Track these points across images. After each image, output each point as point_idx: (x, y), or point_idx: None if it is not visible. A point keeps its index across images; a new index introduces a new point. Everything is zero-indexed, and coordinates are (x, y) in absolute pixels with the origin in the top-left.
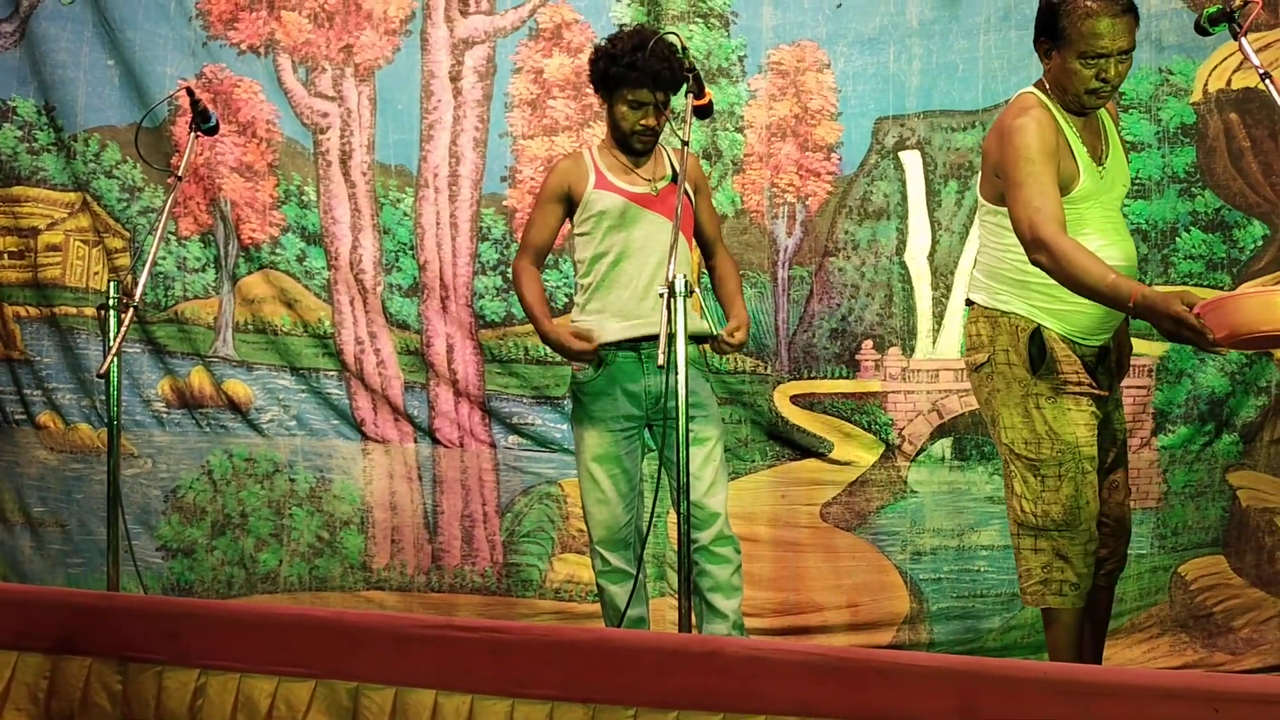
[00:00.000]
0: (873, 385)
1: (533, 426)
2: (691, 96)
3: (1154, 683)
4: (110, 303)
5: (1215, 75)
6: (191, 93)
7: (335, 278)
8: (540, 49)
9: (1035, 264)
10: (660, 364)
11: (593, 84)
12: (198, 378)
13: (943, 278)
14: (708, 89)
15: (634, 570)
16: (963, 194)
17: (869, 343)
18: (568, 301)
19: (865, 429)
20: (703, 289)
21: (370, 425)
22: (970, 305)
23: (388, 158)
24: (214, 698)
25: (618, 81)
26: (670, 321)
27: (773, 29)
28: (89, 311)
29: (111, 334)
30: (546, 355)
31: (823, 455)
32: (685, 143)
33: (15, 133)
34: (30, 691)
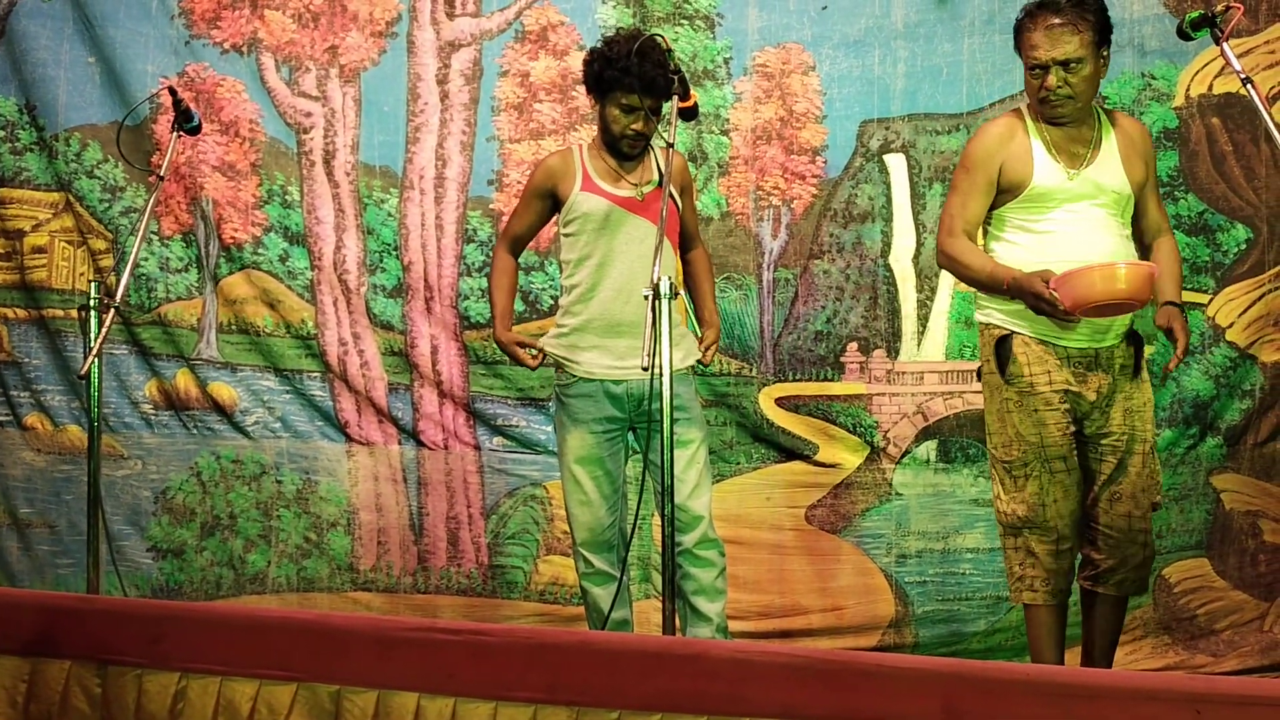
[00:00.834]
0: (858, 388)
1: (517, 428)
2: (677, 98)
3: (1137, 685)
4: (91, 303)
5: (1197, 80)
6: (174, 92)
7: (318, 278)
8: (526, 51)
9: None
10: (644, 367)
11: (586, 86)
12: (183, 380)
13: (927, 280)
14: (693, 91)
15: (617, 573)
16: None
17: (854, 345)
18: (553, 304)
19: (850, 431)
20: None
21: (355, 427)
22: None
23: (372, 159)
24: (194, 701)
25: (612, 84)
26: (655, 324)
27: (758, 31)
28: (75, 313)
29: (92, 335)
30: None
31: (808, 458)
32: (670, 145)
33: None
34: (8, 694)
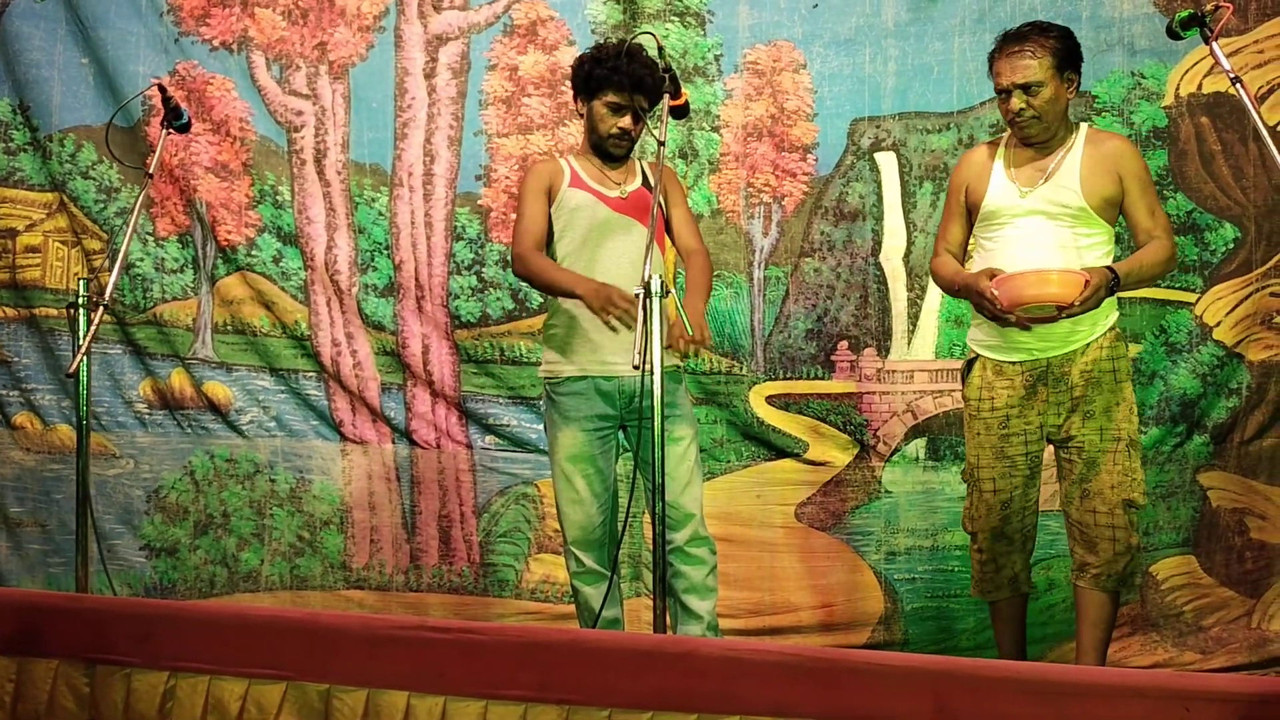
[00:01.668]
0: (848, 386)
1: (508, 427)
2: (668, 96)
3: (1126, 682)
4: (80, 301)
5: (1187, 79)
6: (163, 90)
7: (311, 279)
8: (515, 45)
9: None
10: (635, 365)
11: (574, 89)
12: (178, 379)
13: (918, 279)
14: (684, 88)
15: (608, 571)
16: (937, 195)
17: (844, 343)
18: (542, 302)
19: (840, 429)
20: (678, 288)
21: (349, 426)
22: None
23: (362, 156)
24: (183, 700)
25: (600, 84)
26: (646, 322)
27: (749, 28)
28: (67, 312)
29: (81, 333)
30: (522, 355)
31: (798, 456)
32: (661, 143)
33: None
34: None
